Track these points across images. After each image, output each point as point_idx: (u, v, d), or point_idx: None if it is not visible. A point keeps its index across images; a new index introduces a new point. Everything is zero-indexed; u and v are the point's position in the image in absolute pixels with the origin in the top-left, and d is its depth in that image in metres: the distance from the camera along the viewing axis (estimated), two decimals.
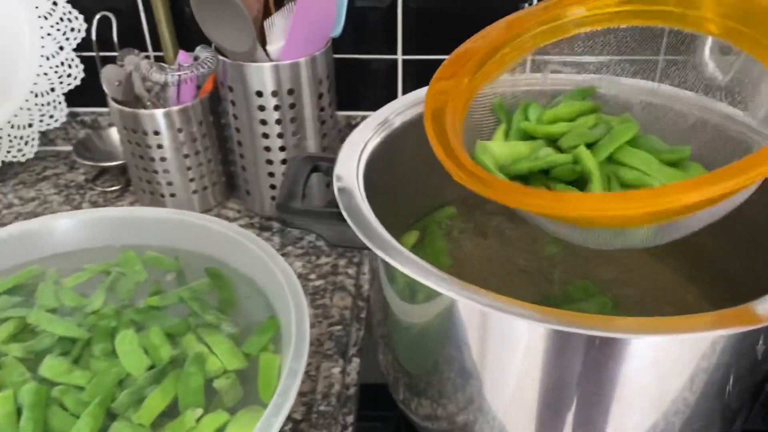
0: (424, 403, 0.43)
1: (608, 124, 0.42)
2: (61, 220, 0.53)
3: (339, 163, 0.39)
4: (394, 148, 0.43)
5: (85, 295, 0.51)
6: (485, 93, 0.43)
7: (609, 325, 0.30)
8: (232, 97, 0.68)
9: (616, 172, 0.39)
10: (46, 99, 0.81)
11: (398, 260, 0.33)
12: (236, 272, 0.53)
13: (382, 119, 0.44)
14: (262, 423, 0.37)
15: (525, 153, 0.40)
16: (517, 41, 0.42)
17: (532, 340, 0.34)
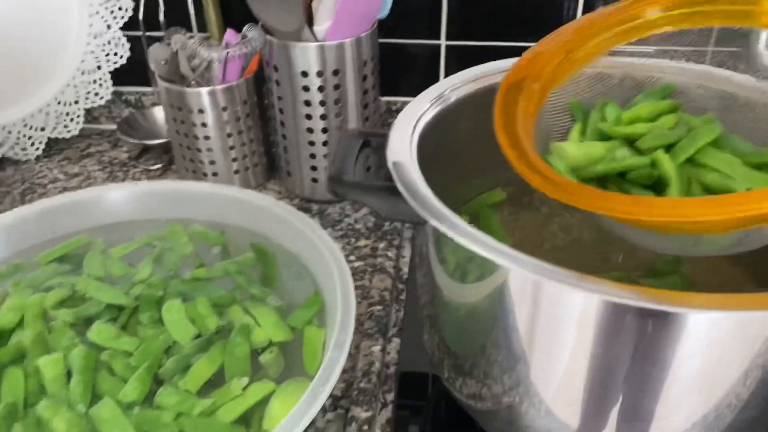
0: (469, 383, 0.43)
1: (689, 125, 0.40)
2: (111, 191, 0.54)
3: (393, 136, 0.39)
4: (447, 124, 0.43)
5: (132, 265, 0.52)
6: (555, 95, 0.42)
7: (667, 299, 0.30)
8: (277, 77, 0.68)
9: (697, 175, 0.38)
10: (92, 77, 0.82)
11: (456, 231, 0.33)
12: (280, 248, 0.53)
13: (437, 94, 0.43)
14: (309, 392, 0.37)
15: (600, 154, 0.40)
16: (589, 44, 0.41)
17: (585, 313, 0.33)
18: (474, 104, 0.39)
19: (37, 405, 0.42)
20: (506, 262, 0.32)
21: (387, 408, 0.50)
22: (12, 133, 0.80)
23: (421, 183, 0.36)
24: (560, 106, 0.44)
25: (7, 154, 0.81)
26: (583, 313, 0.34)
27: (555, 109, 0.43)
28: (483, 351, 0.41)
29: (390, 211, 0.38)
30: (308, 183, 0.74)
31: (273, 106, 0.71)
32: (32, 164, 0.82)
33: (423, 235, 0.42)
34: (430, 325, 0.45)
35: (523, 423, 0.41)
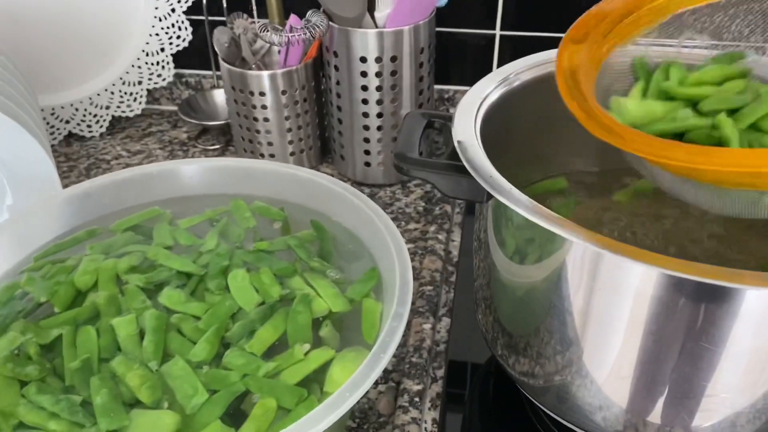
0: (522, 361, 0.44)
1: (757, 92, 0.40)
2: (183, 166, 0.57)
3: (458, 116, 0.40)
4: (510, 108, 0.44)
5: (198, 236, 0.54)
6: (616, 56, 0.42)
7: (726, 275, 0.31)
8: (336, 62, 0.70)
9: (759, 140, 0.38)
10: (155, 58, 0.85)
11: (520, 205, 0.34)
12: (338, 225, 0.55)
13: (503, 76, 0.45)
14: (370, 357, 0.39)
15: (661, 113, 0.40)
16: (655, 3, 0.41)
17: (643, 288, 0.34)
18: (538, 90, 0.40)
19: (112, 361, 0.44)
20: (569, 234, 0.33)
21: (437, 383, 0.52)
22: (79, 110, 0.84)
23: (485, 161, 0.37)
24: (620, 67, 0.44)
25: (73, 130, 0.85)
26: (641, 289, 0.35)
27: (615, 70, 0.43)
28: (537, 333, 0.43)
29: (452, 189, 0.40)
30: (361, 167, 0.76)
31: (330, 91, 0.73)
32: (96, 141, 0.86)
33: (482, 219, 0.44)
34: (485, 306, 0.46)
35: (574, 400, 0.43)
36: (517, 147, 0.43)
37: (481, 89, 0.43)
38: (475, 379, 0.54)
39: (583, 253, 0.37)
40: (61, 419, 0.40)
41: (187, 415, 0.41)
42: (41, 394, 0.41)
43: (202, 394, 0.41)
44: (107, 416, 0.40)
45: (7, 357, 0.44)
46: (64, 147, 0.84)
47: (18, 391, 0.42)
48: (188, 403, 0.41)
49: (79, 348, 0.45)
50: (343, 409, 0.37)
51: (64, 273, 0.49)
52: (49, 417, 0.40)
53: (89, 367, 0.44)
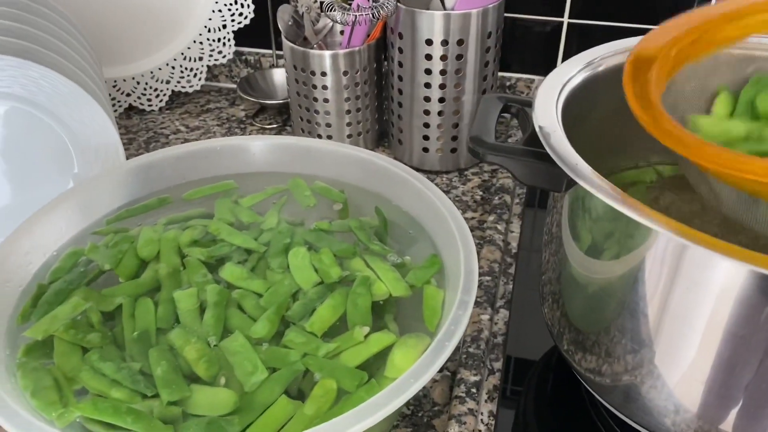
0: (589, 359, 0.43)
1: None
2: (247, 142, 0.57)
3: (538, 99, 0.39)
4: (594, 93, 0.42)
5: (258, 213, 0.54)
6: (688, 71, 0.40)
7: None
8: (401, 44, 0.69)
9: None
10: (216, 35, 0.85)
11: (611, 197, 0.33)
12: (399, 209, 0.54)
13: (588, 60, 0.43)
14: (435, 344, 0.38)
15: (740, 134, 0.38)
16: (740, 21, 0.39)
17: (728, 287, 0.33)
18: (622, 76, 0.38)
19: (170, 333, 0.44)
20: (659, 226, 0.32)
21: (494, 375, 0.50)
22: (140, 84, 0.85)
23: (569, 148, 0.35)
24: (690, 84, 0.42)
25: (134, 103, 0.86)
26: (726, 287, 0.33)
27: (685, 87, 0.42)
28: (607, 331, 0.41)
29: (529, 176, 0.38)
30: (418, 152, 0.74)
31: (392, 73, 0.72)
32: (156, 115, 0.86)
33: (555, 213, 0.42)
34: (552, 301, 0.45)
35: (643, 401, 0.41)
36: (594, 135, 0.41)
37: (563, 73, 0.42)
38: (534, 373, 0.53)
39: (666, 247, 0.35)
40: (122, 387, 0.40)
41: (246, 393, 0.40)
42: (103, 361, 0.42)
43: (262, 372, 0.41)
44: (168, 387, 0.40)
45: (69, 323, 0.44)
46: (124, 119, 0.85)
47: (80, 357, 0.43)
48: (248, 381, 0.41)
49: (137, 319, 0.46)
50: (407, 395, 0.36)
51: (127, 242, 0.50)
52: (111, 384, 0.40)
53: (147, 339, 0.44)
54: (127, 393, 0.40)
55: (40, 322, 0.44)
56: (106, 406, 0.38)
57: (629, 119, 0.37)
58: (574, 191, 0.38)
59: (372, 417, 0.35)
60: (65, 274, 0.48)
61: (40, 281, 0.48)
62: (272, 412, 0.38)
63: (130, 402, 0.39)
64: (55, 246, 0.50)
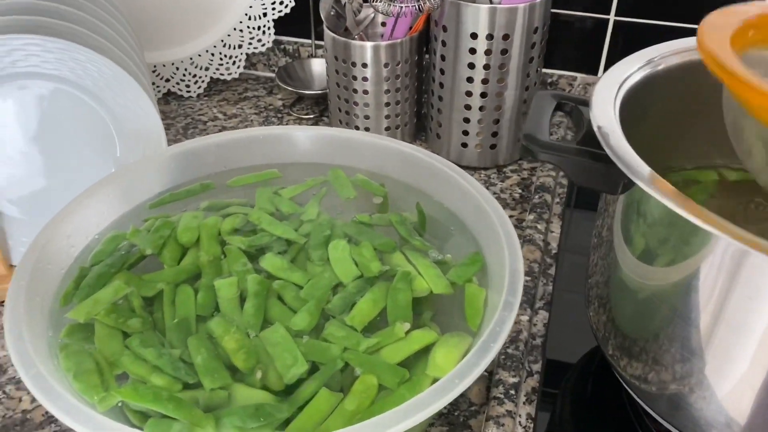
0: (635, 365, 0.42)
1: None
2: (289, 131, 0.56)
3: (596, 98, 0.38)
4: (651, 93, 0.41)
5: (298, 204, 0.54)
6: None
7: None
8: (444, 38, 0.68)
9: None
10: (257, 23, 0.85)
11: (673, 202, 0.31)
12: (440, 205, 0.54)
13: (647, 59, 0.42)
14: (480, 345, 0.38)
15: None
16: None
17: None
18: (684, 77, 0.37)
19: (209, 321, 0.44)
20: (716, 230, 0.31)
21: (533, 377, 0.50)
22: (179, 70, 0.85)
23: (629, 149, 0.34)
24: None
25: (172, 89, 0.86)
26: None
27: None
28: (656, 338, 0.40)
29: (583, 177, 0.37)
30: (457, 147, 0.73)
31: (433, 67, 0.71)
32: (193, 101, 0.86)
33: (607, 216, 0.41)
34: (598, 305, 0.44)
35: (691, 411, 0.40)
36: (651, 135, 0.40)
37: (621, 71, 0.40)
38: (573, 376, 0.52)
39: (725, 253, 0.34)
40: (163, 373, 0.40)
41: (284, 387, 0.40)
42: (145, 346, 0.42)
43: (302, 364, 0.40)
44: (210, 375, 0.40)
45: (111, 307, 0.44)
46: (162, 105, 0.85)
47: (120, 341, 0.43)
48: (287, 373, 0.40)
49: (177, 306, 0.46)
50: (451, 396, 0.36)
51: (169, 227, 0.50)
52: (152, 370, 0.40)
53: (187, 326, 0.44)
54: (168, 379, 0.40)
55: (82, 305, 0.44)
56: (147, 392, 0.38)
57: (690, 119, 0.36)
58: (630, 194, 0.37)
59: (415, 416, 0.34)
60: (107, 257, 0.48)
61: (81, 264, 0.48)
62: (315, 403, 0.38)
63: (170, 389, 0.39)
64: (96, 230, 0.51)
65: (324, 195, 0.54)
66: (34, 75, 0.54)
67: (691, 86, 0.38)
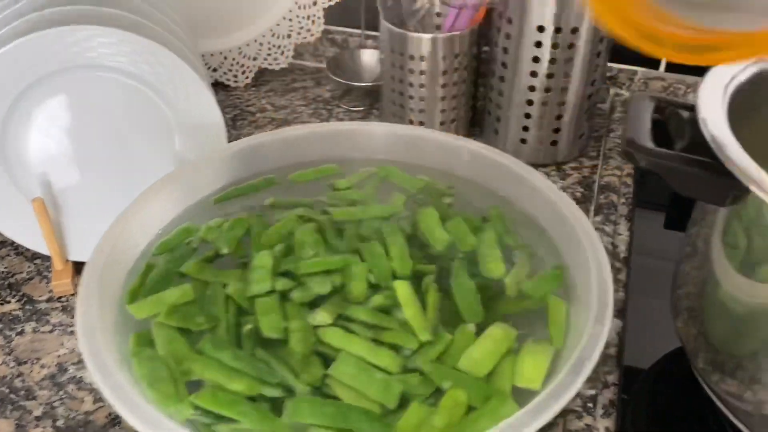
0: (728, 382, 0.40)
1: None
2: (353, 127, 0.55)
3: (703, 101, 0.35)
4: (760, 92, 0.38)
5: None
6: None
7: None
8: (508, 30, 0.65)
9: None
10: (306, 12, 0.83)
11: None
12: (515, 208, 0.52)
13: None
14: (575, 362, 0.36)
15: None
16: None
17: None
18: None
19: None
20: None
21: (609, 389, 0.48)
22: (227, 59, 0.83)
23: (748, 160, 0.32)
24: None
25: (220, 79, 0.84)
26: None
27: None
28: (754, 357, 0.38)
29: (689, 187, 0.35)
30: (515, 143, 0.71)
31: (494, 60, 0.69)
32: (241, 92, 0.85)
33: (704, 226, 0.39)
34: (688, 317, 0.42)
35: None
36: (760, 139, 0.38)
37: (726, 71, 0.38)
38: (650, 387, 0.50)
39: None
40: (242, 375, 0.38)
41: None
42: (218, 348, 0.40)
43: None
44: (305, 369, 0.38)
45: (171, 307, 0.42)
46: None
47: (185, 344, 0.41)
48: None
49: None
50: (547, 417, 0.34)
51: (242, 226, 0.48)
52: (229, 373, 0.38)
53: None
54: (249, 381, 0.38)
55: (144, 301, 0.43)
56: (226, 398, 0.36)
57: None
58: (739, 206, 0.35)
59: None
60: (174, 248, 0.47)
61: (147, 261, 0.47)
62: (407, 417, 0.36)
63: (251, 392, 0.37)
64: (161, 225, 0.49)
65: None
66: (91, 67, 0.53)
67: None
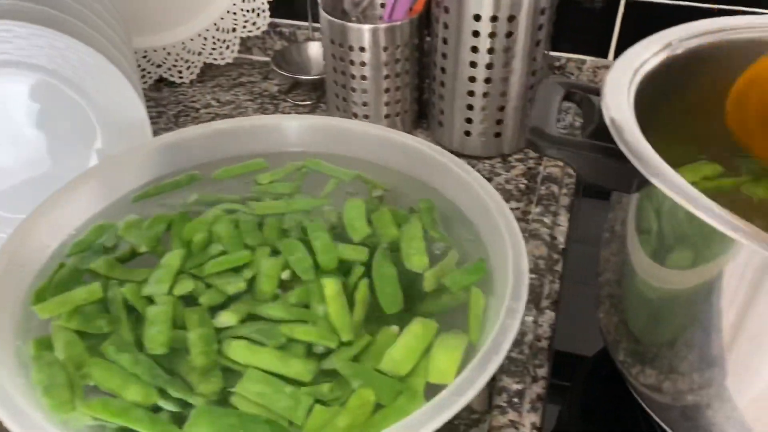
0: (648, 373, 0.39)
1: None
2: (280, 122, 0.53)
3: (608, 86, 0.34)
4: (669, 80, 0.38)
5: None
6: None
7: None
8: (446, 19, 0.64)
9: None
10: (251, 5, 0.81)
11: (700, 208, 0.28)
12: (444, 199, 0.50)
13: (666, 42, 0.38)
14: (481, 357, 0.35)
15: None
16: None
17: None
18: (704, 62, 0.33)
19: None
20: (741, 237, 0.28)
21: (538, 383, 0.47)
22: (171, 55, 0.82)
23: (644, 145, 0.31)
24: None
25: (164, 75, 0.83)
26: None
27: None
28: (672, 344, 0.37)
29: (594, 174, 0.34)
30: (459, 135, 0.70)
31: (435, 51, 0.68)
32: (186, 88, 0.83)
33: (620, 209, 0.38)
34: (609, 305, 0.41)
35: (707, 425, 0.37)
36: (669, 126, 0.37)
37: (636, 57, 0.37)
38: (581, 382, 0.49)
39: (749, 261, 0.31)
40: (140, 382, 0.37)
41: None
42: (121, 351, 0.38)
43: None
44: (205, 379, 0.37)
45: (75, 309, 0.40)
46: (154, 92, 0.82)
47: (84, 347, 0.39)
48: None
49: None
50: (447, 416, 0.33)
51: (163, 223, 0.47)
52: (127, 380, 0.37)
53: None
54: (145, 389, 0.37)
55: (50, 301, 0.41)
56: (117, 407, 0.35)
57: (715, 109, 0.33)
58: (645, 192, 0.34)
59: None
60: (87, 248, 0.45)
61: (60, 261, 0.45)
62: (312, 420, 0.35)
63: (146, 401, 0.36)
64: (77, 224, 0.48)
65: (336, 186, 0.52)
66: (6, 63, 0.51)
67: (713, 73, 0.35)
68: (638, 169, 0.31)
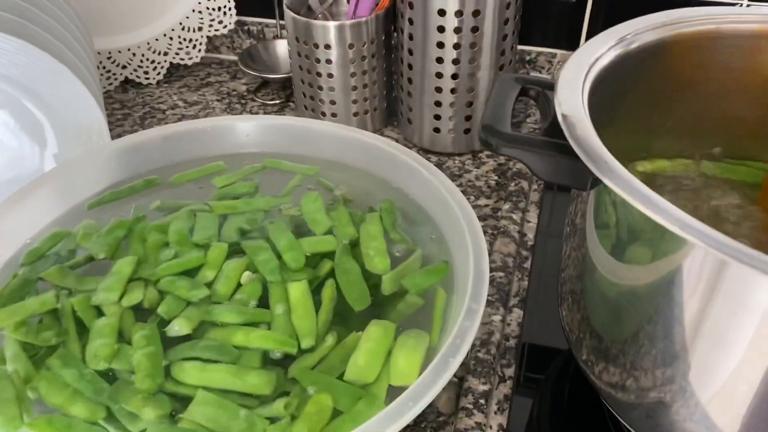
0: (611, 371, 0.38)
1: None
2: (238, 122, 0.52)
3: (562, 82, 0.34)
4: (624, 75, 0.37)
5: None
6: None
7: None
8: (411, 15, 0.63)
9: None
10: (217, 3, 0.80)
11: (651, 207, 0.28)
12: (404, 195, 0.50)
13: (620, 36, 0.37)
14: (438, 361, 0.34)
15: None
16: None
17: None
18: (660, 55, 0.33)
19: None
20: (695, 238, 0.27)
21: (505, 383, 0.46)
22: (136, 55, 0.80)
23: (597, 142, 0.30)
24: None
25: (130, 76, 0.81)
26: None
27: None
28: (635, 340, 0.36)
29: (549, 172, 0.33)
30: (429, 132, 0.69)
31: (401, 47, 0.67)
32: (153, 88, 0.82)
33: (580, 202, 0.37)
34: (572, 301, 0.40)
35: (670, 423, 0.37)
36: (623, 122, 0.36)
37: (590, 51, 0.36)
38: (549, 383, 0.48)
39: (704, 260, 0.31)
40: (85, 399, 0.35)
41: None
42: (66, 366, 0.37)
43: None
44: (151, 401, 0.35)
45: (22, 321, 0.39)
46: (120, 93, 0.81)
47: (29, 361, 0.38)
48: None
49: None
50: (405, 421, 0.32)
51: (123, 228, 0.45)
52: (72, 396, 0.36)
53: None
54: (90, 406, 0.35)
55: (2, 311, 0.40)
56: (62, 425, 0.34)
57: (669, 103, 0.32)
58: (600, 190, 0.33)
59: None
60: (40, 258, 0.44)
61: (14, 271, 0.44)
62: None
63: (92, 417, 0.35)
64: (30, 234, 0.47)
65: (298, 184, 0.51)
66: None
67: (670, 66, 0.34)
68: (586, 167, 0.30)
